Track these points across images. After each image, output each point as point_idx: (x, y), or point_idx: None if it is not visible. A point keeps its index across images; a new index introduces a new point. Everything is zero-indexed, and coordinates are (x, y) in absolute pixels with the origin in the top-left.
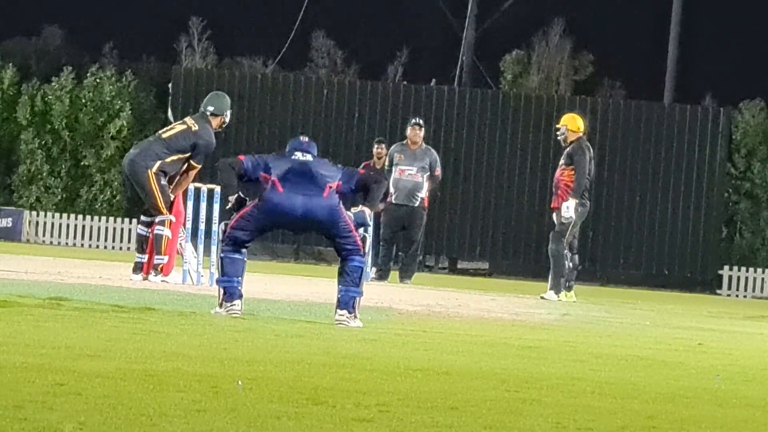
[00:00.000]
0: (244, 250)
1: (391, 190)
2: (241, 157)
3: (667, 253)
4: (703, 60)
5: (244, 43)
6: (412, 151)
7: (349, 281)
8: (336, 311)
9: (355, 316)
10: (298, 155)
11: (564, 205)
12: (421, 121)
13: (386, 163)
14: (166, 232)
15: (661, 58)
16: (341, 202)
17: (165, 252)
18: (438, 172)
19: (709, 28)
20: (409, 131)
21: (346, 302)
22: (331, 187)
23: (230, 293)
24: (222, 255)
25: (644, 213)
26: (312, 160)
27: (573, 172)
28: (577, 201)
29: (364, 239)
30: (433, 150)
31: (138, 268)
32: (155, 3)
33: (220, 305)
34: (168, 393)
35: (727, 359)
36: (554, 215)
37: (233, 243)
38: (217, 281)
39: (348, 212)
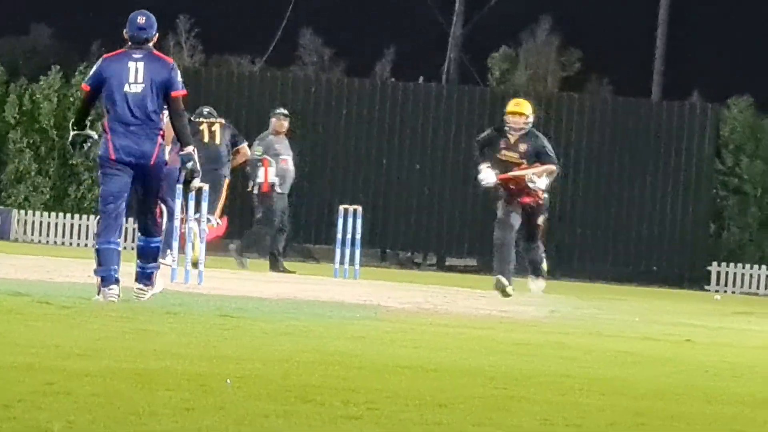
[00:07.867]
0: (119, 240)
1: (276, 180)
2: (85, 86)
3: (656, 249)
4: (691, 56)
5: (232, 41)
6: (282, 139)
7: (150, 258)
8: (135, 285)
9: (152, 286)
10: (131, 75)
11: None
12: (286, 111)
13: (256, 152)
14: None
15: (649, 55)
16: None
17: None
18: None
19: (696, 24)
20: (274, 121)
21: (147, 276)
22: (162, 133)
23: (107, 280)
24: (97, 247)
25: (632, 209)
26: (142, 90)
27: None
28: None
29: (162, 213)
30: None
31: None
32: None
33: (99, 292)
34: (157, 392)
35: (715, 355)
36: (502, 207)
37: (107, 224)
38: (95, 272)
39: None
